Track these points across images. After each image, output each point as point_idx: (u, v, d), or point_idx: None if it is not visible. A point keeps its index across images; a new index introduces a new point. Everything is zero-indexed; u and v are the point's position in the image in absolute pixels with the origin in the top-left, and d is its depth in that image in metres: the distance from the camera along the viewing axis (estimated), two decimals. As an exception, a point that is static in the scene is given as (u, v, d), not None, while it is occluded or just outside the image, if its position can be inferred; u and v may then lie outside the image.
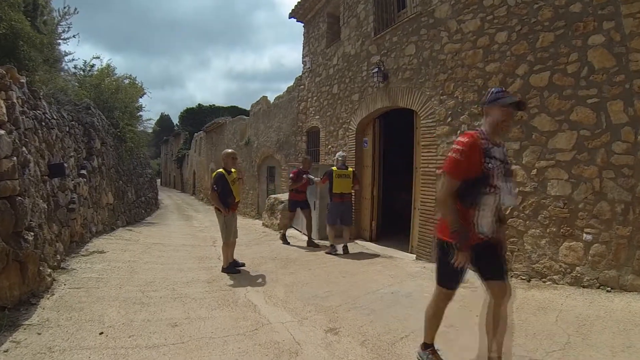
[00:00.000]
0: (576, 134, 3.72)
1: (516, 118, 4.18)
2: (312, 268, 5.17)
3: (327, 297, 3.90)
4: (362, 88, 7.18)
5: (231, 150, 5.25)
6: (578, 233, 3.68)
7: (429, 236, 5.34)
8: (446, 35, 5.12)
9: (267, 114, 12.81)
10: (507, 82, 4.31)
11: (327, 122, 8.57)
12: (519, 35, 4.19)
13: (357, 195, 7.34)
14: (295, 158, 10.12)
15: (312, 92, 9.41)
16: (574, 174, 3.73)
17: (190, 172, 28.42)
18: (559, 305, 3.30)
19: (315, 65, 9.30)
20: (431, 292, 3.72)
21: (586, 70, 3.65)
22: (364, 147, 7.34)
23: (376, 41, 6.69)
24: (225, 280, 4.59)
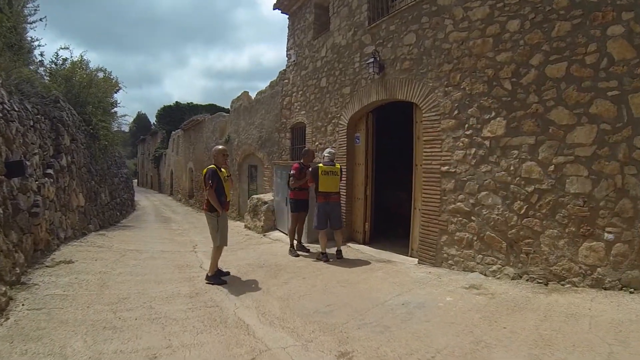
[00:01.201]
0: (596, 127, 3.80)
1: (531, 110, 4.30)
2: (307, 277, 5.08)
3: (331, 312, 3.76)
4: (354, 80, 7.18)
5: (222, 147, 5.19)
6: (599, 232, 3.77)
7: (432, 238, 5.39)
8: (451, 23, 5.18)
9: (248, 110, 12.87)
10: (520, 72, 4.40)
11: (314, 118, 8.56)
12: (533, 24, 4.27)
13: (348, 195, 7.36)
14: (279, 156, 10.09)
15: (298, 86, 9.39)
16: (594, 170, 3.81)
17: (167, 172, 29.09)
18: (586, 310, 3.33)
19: (301, 58, 9.30)
20: (445, 301, 3.79)
21: (606, 62, 3.75)
22: (356, 143, 7.34)
23: (370, 30, 6.71)
24: (210, 294, 4.42)
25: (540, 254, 4.19)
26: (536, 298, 3.75)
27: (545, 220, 4.16)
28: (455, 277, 4.73)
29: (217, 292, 4.48)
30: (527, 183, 4.33)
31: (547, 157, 4.17)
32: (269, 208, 8.96)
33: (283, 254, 6.55)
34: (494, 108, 4.68)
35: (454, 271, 5.01)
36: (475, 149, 4.89)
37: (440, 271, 5.06)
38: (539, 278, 4.16)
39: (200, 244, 7.94)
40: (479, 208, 4.82)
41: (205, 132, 18.23)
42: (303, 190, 6.61)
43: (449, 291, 4.20)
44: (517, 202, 4.40)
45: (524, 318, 3.31)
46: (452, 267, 5.11)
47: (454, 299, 3.93)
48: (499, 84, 4.61)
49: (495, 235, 4.61)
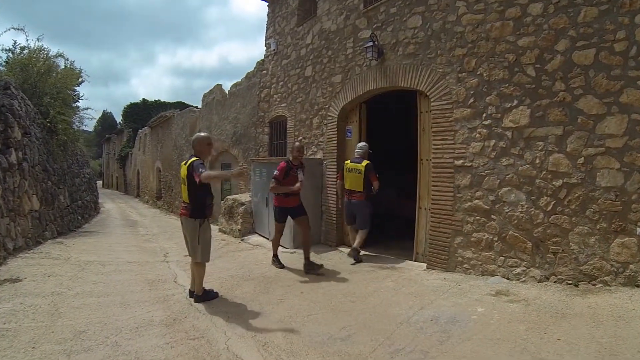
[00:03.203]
0: (627, 117, 4.23)
1: (557, 99, 4.71)
2: (304, 291, 5.09)
3: (349, 338, 3.59)
4: (346, 68, 7.49)
5: (205, 134, 4.98)
6: (631, 227, 4.17)
7: (444, 240, 5.71)
8: (464, 5, 5.56)
9: (221, 104, 13.31)
10: (545, 58, 4.80)
11: (297, 110, 8.82)
12: (557, 8, 4.69)
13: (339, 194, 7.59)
14: (256, 152, 10.30)
15: (278, 77, 9.72)
16: (626, 162, 4.22)
17: (134, 172, 30.86)
18: (632, 311, 3.56)
19: (282, 46, 9.66)
20: (478, 313, 3.98)
21: (635, 50, 4.18)
22: (348, 137, 7.62)
23: (366, 14, 7.05)
24: (192, 319, 4.13)
25: (569, 253, 4.57)
26: (573, 301, 4.01)
27: (574, 217, 4.56)
28: (475, 282, 5.01)
29: (199, 317, 4.20)
30: (554, 177, 4.72)
31: (576, 149, 4.56)
32: (246, 210, 9.10)
33: (269, 262, 6.58)
34: (516, 96, 5.05)
35: (471, 276, 5.31)
36: (495, 140, 5.25)
37: (456, 277, 5.32)
38: (568, 279, 4.55)
39: (172, 252, 7.89)
40: (500, 205, 5.18)
41: (175, 129, 18.87)
42: (290, 196, 6.13)
43: (476, 300, 4.38)
44: (544, 197, 4.79)
45: (573, 326, 3.48)
46: (467, 271, 5.45)
47: (485, 309, 4.08)
48: (522, 70, 5.00)
49: (519, 234, 4.99)
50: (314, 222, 7.85)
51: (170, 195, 19.61)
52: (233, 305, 4.58)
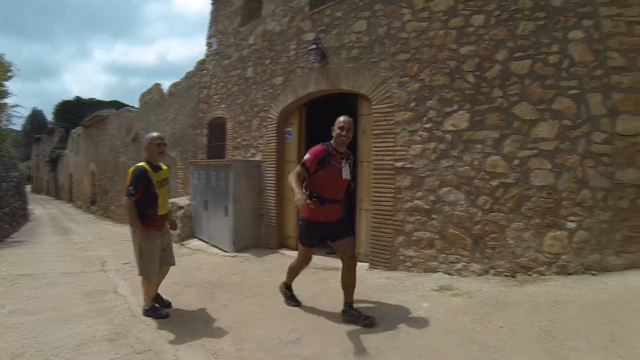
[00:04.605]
0: (558, 123, 4.72)
1: (495, 105, 5.15)
2: (249, 295, 5.08)
3: (299, 341, 3.62)
4: (287, 70, 7.61)
5: (155, 134, 4.69)
6: (562, 222, 4.66)
7: (386, 240, 5.94)
8: (409, 12, 5.89)
9: (160, 104, 12.96)
10: (484, 66, 5.22)
11: (237, 111, 8.80)
12: (498, 21, 5.14)
13: (278, 196, 7.66)
14: (194, 155, 10.11)
15: (219, 77, 9.62)
16: (557, 163, 4.71)
17: (66, 175, 29.44)
18: (566, 296, 3.95)
19: (223, 46, 9.58)
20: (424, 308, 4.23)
21: (567, 62, 4.70)
22: (287, 139, 7.73)
23: (312, 16, 7.23)
24: (136, 332, 3.95)
25: (506, 248, 4.97)
26: (512, 291, 4.36)
27: (510, 214, 4.97)
28: (419, 279, 5.25)
29: (145, 329, 4.03)
30: (491, 177, 5.12)
31: (511, 151, 4.99)
32: (185, 214, 8.92)
33: (210, 267, 6.47)
34: (456, 101, 5.43)
35: (414, 273, 5.57)
36: (435, 143, 5.59)
37: (399, 275, 5.54)
38: (507, 271, 4.94)
39: (110, 260, 7.51)
40: (440, 205, 5.51)
41: (110, 129, 18.14)
42: (329, 203, 4.19)
43: (421, 296, 4.60)
44: (482, 197, 5.18)
45: (513, 313, 3.78)
46: (410, 269, 5.71)
47: (431, 304, 4.32)
48: (462, 77, 5.40)
49: (459, 232, 5.33)
50: (253, 225, 7.88)
51: (105, 199, 18.71)
52: (178, 314, 4.49)
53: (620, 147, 4.45)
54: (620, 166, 4.44)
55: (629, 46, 4.47)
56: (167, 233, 4.67)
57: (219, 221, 7.87)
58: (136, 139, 14.30)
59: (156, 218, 4.36)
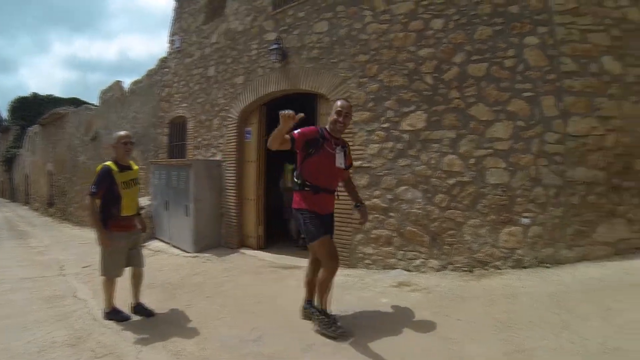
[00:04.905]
0: (513, 124, 4.60)
1: (452, 105, 4.97)
2: (211, 295, 4.78)
3: (260, 339, 3.42)
4: (249, 69, 7.18)
5: (125, 133, 4.26)
6: (516, 218, 4.54)
7: (345, 238, 5.65)
8: (370, 15, 5.63)
9: (120, 102, 12.03)
10: (442, 68, 5.03)
11: (198, 111, 8.25)
12: (457, 25, 4.97)
13: (239, 195, 7.23)
14: (155, 154, 9.41)
15: (180, 76, 8.98)
16: (511, 162, 4.58)
17: (22, 176, 27.22)
18: (520, 288, 3.89)
19: (186, 44, 8.93)
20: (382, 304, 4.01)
21: (522, 66, 4.60)
22: (247, 139, 7.31)
23: (275, 16, 6.83)
24: (97, 336, 3.67)
25: (463, 244, 4.79)
26: (470, 285, 4.21)
27: (467, 211, 4.79)
28: (378, 276, 5.00)
29: (106, 333, 3.75)
30: (448, 176, 4.92)
31: (467, 151, 4.83)
32: (146, 214, 8.25)
33: (171, 268, 6.10)
34: (414, 101, 5.21)
35: (374, 270, 5.30)
36: (392, 142, 5.35)
37: (359, 272, 5.27)
38: (464, 266, 4.75)
39: (69, 264, 6.86)
40: (398, 203, 5.27)
41: (69, 127, 16.58)
42: (323, 193, 3.62)
43: (380, 292, 4.41)
44: (439, 195, 4.97)
45: (471, 306, 3.66)
46: (369, 266, 5.44)
47: (390, 300, 4.12)
48: (420, 78, 5.18)
49: (416, 229, 5.09)
50: (214, 225, 7.40)
51: (63, 201, 17.01)
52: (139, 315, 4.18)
53: (571, 147, 4.39)
54: (571, 165, 4.38)
55: (581, 52, 4.44)
56: (136, 234, 4.30)
57: (180, 221, 7.40)
58: (95, 138, 13.33)
59: (120, 219, 4.02)
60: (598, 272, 3.90)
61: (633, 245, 4.26)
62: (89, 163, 13.27)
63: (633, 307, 3.16)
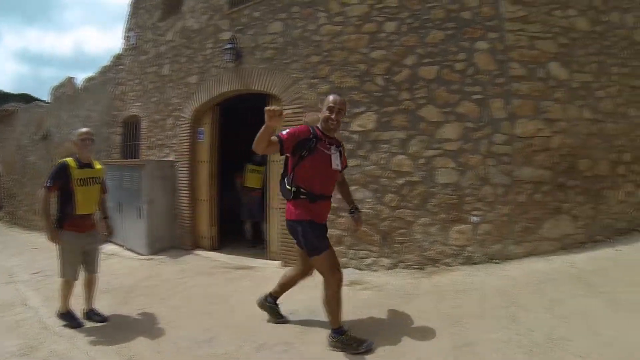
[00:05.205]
0: (462, 125, 3.97)
1: (402, 107, 4.28)
2: (165, 297, 4.04)
3: (214, 340, 2.95)
4: (203, 69, 6.08)
5: (86, 129, 3.51)
6: (466, 216, 3.92)
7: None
8: (325, 16, 4.78)
9: (73, 99, 9.94)
10: (393, 70, 4.31)
11: (152, 110, 6.93)
12: (410, 28, 4.25)
13: (192, 196, 6.16)
14: (108, 155, 7.84)
15: (135, 74, 7.48)
16: (460, 162, 3.95)
17: None
18: (470, 284, 3.45)
19: (142, 41, 7.45)
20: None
21: (472, 70, 3.99)
22: (200, 139, 6.23)
23: (230, 15, 5.75)
24: (50, 344, 3.02)
25: (414, 242, 4.06)
26: (420, 283, 3.66)
27: (417, 210, 4.08)
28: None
29: (58, 340, 3.08)
30: (398, 176, 4.19)
31: (417, 151, 4.12)
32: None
33: (125, 271, 5.10)
34: (364, 102, 4.44)
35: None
36: (343, 142, 4.58)
37: None
38: (415, 264, 4.01)
39: (19, 271, 5.45)
40: (347, 203, 4.51)
41: (18, 125, 13.59)
42: (321, 200, 2.74)
43: None
44: (388, 194, 4.21)
45: (421, 302, 3.24)
46: (320, 264, 4.61)
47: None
48: (372, 80, 4.41)
49: (367, 229, 4.26)
50: (168, 226, 6.20)
51: (12, 204, 13.75)
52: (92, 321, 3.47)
53: (518, 147, 3.90)
54: (518, 165, 3.89)
55: (529, 58, 3.97)
56: (93, 237, 3.51)
57: (134, 223, 6.15)
58: (46, 137, 11.15)
59: (75, 217, 3.29)
60: (544, 266, 3.61)
61: (577, 240, 3.97)
62: (39, 163, 11.11)
63: (576, 297, 2.97)
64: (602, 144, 4.26)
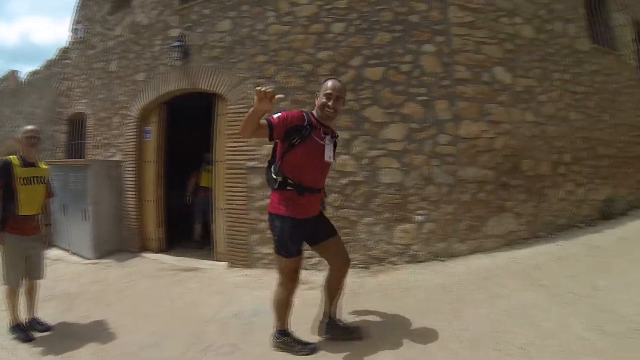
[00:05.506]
0: (407, 126, 3.97)
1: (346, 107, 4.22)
2: (111, 302, 3.88)
3: (160, 343, 2.87)
4: (151, 66, 5.81)
5: (32, 127, 3.31)
6: (410, 216, 3.91)
7: (241, 238, 4.61)
8: (274, 16, 4.67)
9: (15, 94, 9.30)
10: (339, 71, 4.26)
11: (99, 107, 6.52)
12: (357, 30, 4.23)
13: (139, 197, 5.84)
14: (52, 154, 7.32)
15: (81, 69, 7.03)
16: (404, 162, 3.94)
17: None
18: (414, 282, 3.44)
19: (90, 35, 7.02)
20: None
21: (418, 72, 4.02)
22: (146, 139, 5.94)
23: (180, 12, 5.54)
24: None
25: (358, 242, 4.00)
26: (365, 281, 3.63)
27: (361, 210, 4.03)
28: (275, 275, 4.11)
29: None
30: (341, 176, 4.12)
31: (361, 151, 4.08)
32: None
33: (70, 276, 4.80)
34: (309, 103, 4.31)
35: (272, 270, 4.28)
36: (286, 143, 4.49)
37: (257, 272, 4.38)
38: (360, 263, 3.95)
39: None
40: (291, 203, 4.39)
41: None
42: (307, 194, 2.45)
43: None
44: (332, 194, 4.09)
45: (365, 300, 3.20)
46: (267, 266, 4.41)
47: None
48: (317, 80, 4.33)
49: (310, 228, 4.22)
50: (115, 228, 5.84)
51: None
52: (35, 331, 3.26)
53: (462, 148, 3.94)
54: (462, 165, 3.93)
55: (475, 62, 4.07)
56: (37, 241, 3.28)
57: (79, 226, 5.76)
58: None
59: (18, 219, 3.09)
60: (488, 262, 3.70)
61: (521, 236, 4.09)
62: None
63: (518, 292, 3.04)
64: (544, 146, 4.41)
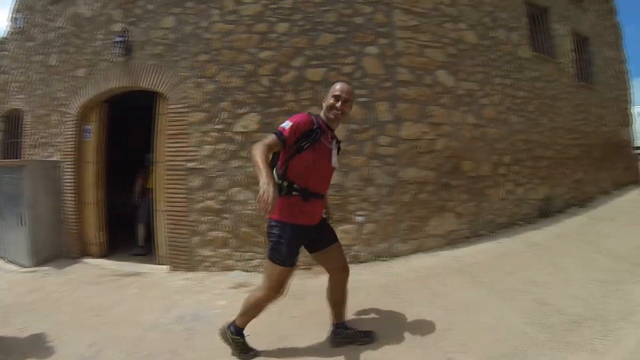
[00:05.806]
0: (346, 127, 3.94)
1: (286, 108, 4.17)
2: (49, 312, 3.62)
3: (99, 354, 2.73)
4: (92, 61, 5.48)
5: None
6: (350, 216, 3.89)
7: (182, 241, 4.43)
8: (218, 14, 4.55)
9: None
10: (280, 71, 4.22)
11: (37, 104, 6.07)
12: (301, 30, 4.19)
13: (78, 200, 5.48)
14: None
15: (19, 62, 6.53)
16: (344, 164, 3.89)
17: None
18: (356, 282, 3.24)
19: (30, 25, 6.53)
20: (220, 306, 3.35)
21: (360, 73, 4.02)
22: (86, 138, 5.60)
23: (124, 5, 5.25)
24: None
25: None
26: (307, 283, 3.62)
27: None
28: (217, 278, 4.09)
29: None
30: (278, 177, 4.07)
31: (298, 152, 4.04)
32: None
33: (5, 286, 4.44)
34: (249, 103, 4.29)
35: (214, 273, 4.27)
36: (225, 144, 4.34)
37: (199, 275, 4.24)
38: (302, 265, 3.80)
39: None
40: (231, 205, 4.23)
41: None
42: (313, 199, 2.33)
43: (218, 295, 3.66)
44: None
45: (308, 303, 3.23)
46: (209, 268, 4.29)
47: (227, 301, 3.41)
48: (257, 81, 4.29)
49: (250, 230, 4.09)
50: (53, 233, 5.45)
51: None
52: None
53: (403, 149, 3.99)
54: (403, 166, 3.98)
55: (417, 65, 4.15)
56: None
57: (15, 232, 5.32)
58: None
59: None
60: (430, 261, 3.78)
61: (462, 235, 4.20)
62: None
63: (458, 289, 3.11)
64: (485, 147, 4.52)
